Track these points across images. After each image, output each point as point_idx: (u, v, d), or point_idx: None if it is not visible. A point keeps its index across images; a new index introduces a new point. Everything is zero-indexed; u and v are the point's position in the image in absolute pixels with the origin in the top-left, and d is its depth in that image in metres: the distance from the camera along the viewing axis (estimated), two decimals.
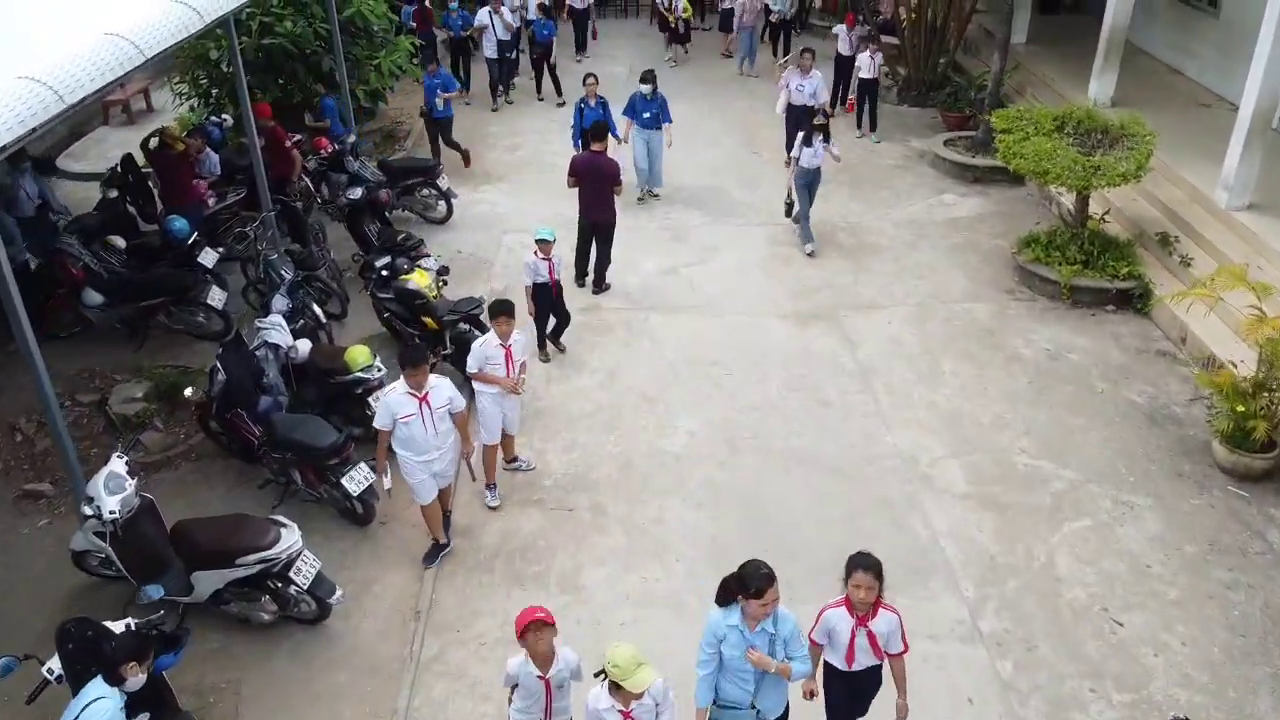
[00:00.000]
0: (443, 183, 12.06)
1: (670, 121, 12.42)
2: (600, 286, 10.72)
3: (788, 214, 11.71)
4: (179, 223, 9.70)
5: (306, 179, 11.82)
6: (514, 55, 16.63)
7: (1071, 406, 8.68)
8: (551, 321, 9.38)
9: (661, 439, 8.32)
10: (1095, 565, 6.99)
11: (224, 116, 12.88)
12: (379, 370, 7.70)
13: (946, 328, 9.92)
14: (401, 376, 6.47)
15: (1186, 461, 8.04)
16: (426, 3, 17.54)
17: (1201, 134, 12.36)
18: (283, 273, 9.16)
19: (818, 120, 11.14)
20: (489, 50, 16.12)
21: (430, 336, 8.84)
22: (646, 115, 12.28)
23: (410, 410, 6.41)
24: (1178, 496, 7.66)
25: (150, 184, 11.12)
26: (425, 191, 12.19)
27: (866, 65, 14.31)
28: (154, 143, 10.75)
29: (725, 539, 7.18)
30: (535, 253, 8.73)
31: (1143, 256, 10.48)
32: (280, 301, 8.33)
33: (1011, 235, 11.67)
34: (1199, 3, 14.51)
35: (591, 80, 12.27)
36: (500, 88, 16.54)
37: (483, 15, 16.05)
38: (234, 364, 7.39)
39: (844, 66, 15.43)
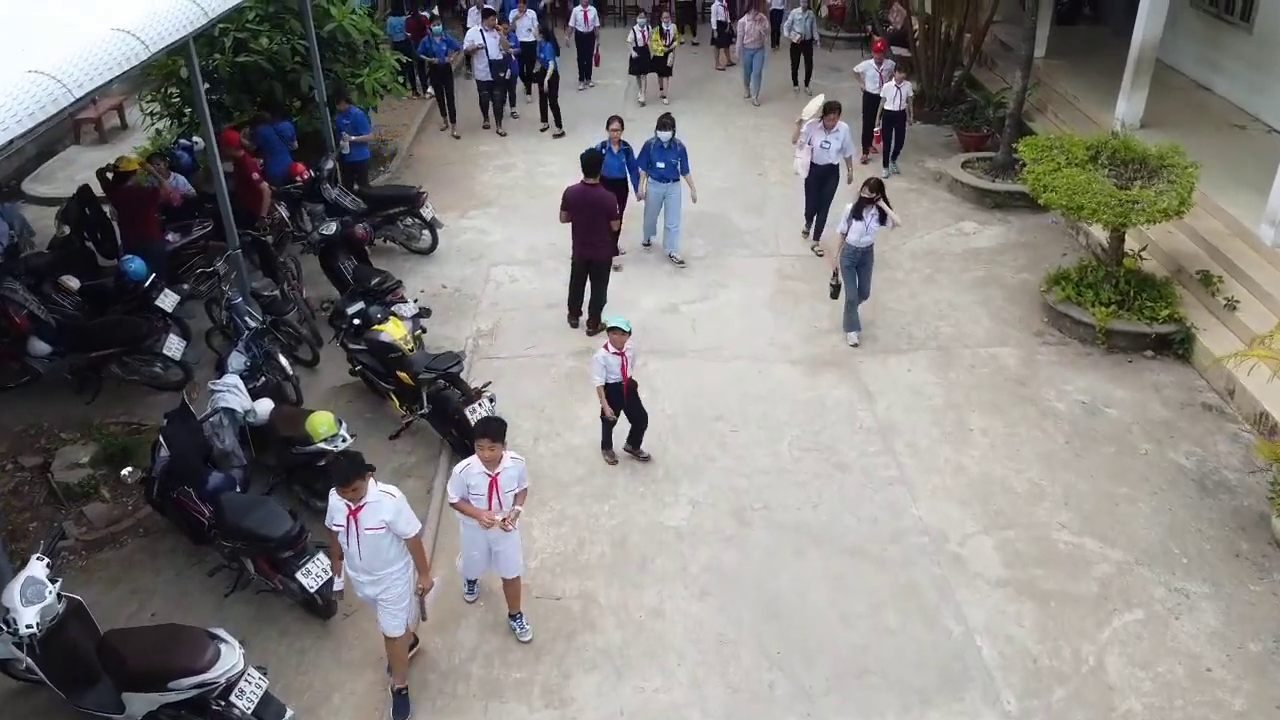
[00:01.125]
0: (427, 212, 11.25)
1: (689, 172, 10.95)
2: (595, 328, 9.90)
3: (834, 296, 9.78)
4: (135, 263, 8.90)
5: (281, 208, 11.01)
6: (509, 76, 15.56)
7: (1113, 472, 7.87)
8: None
9: (661, 510, 7.51)
10: (1150, 669, 6.18)
11: (195, 139, 12.08)
12: (344, 440, 6.88)
13: (972, 376, 9.11)
14: None
15: (1243, 539, 7.23)
16: (430, 12, 16.48)
17: (1238, 159, 11.58)
18: (247, 320, 8.38)
19: (865, 193, 9.09)
20: (481, 73, 14.96)
21: (406, 392, 8.05)
22: (662, 165, 10.67)
23: (339, 522, 5.44)
24: (1237, 582, 6.85)
25: (110, 216, 10.32)
26: (408, 221, 11.39)
27: (892, 96, 12.93)
28: (110, 174, 9.93)
29: (733, 637, 6.37)
30: (605, 346, 7.48)
31: (1182, 296, 9.66)
32: (237, 360, 7.54)
33: (1037, 268, 10.88)
34: (1230, 15, 13.71)
35: (616, 125, 10.64)
36: (491, 107, 15.43)
37: (475, 35, 14.88)
38: (179, 437, 6.58)
39: (874, 106, 13.57)
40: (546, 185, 13.41)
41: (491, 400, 7.75)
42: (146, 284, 8.88)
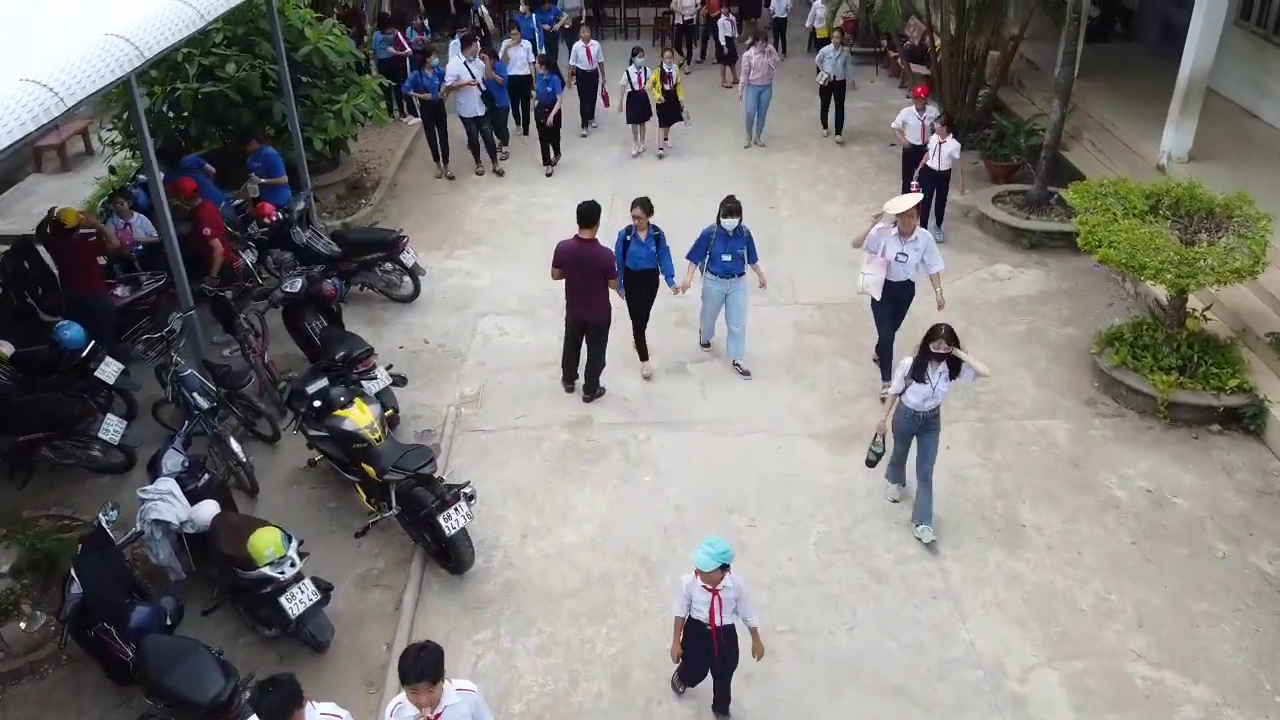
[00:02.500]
0: (408, 257, 10.20)
1: (757, 260, 9.02)
2: (592, 393, 8.88)
3: (870, 464, 7.28)
4: (71, 330, 7.89)
5: (247, 255, 9.97)
6: (502, 108, 14.28)
7: (1189, 581, 6.81)
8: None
9: (670, 634, 6.43)
10: None
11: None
12: (292, 564, 5.83)
13: (1020, 456, 8.06)
14: None
15: None
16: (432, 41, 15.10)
17: None
18: (197, 398, 7.36)
19: (936, 345, 6.69)
20: (469, 109, 13.31)
21: (374, 487, 7.00)
22: (728, 259, 8.74)
23: None
24: None
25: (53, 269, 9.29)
26: (387, 267, 10.34)
27: (934, 150, 11.10)
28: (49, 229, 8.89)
29: None
30: (695, 574, 5.32)
31: (1249, 361, 8.61)
32: (172, 459, 6.49)
33: (1083, 321, 9.84)
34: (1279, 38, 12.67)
35: (639, 211, 8.54)
36: (484, 147, 13.94)
37: (458, 68, 13.10)
38: (93, 570, 5.54)
39: (916, 162, 11.61)
40: (541, 220, 12.40)
41: (470, 500, 6.69)
42: (84, 353, 7.86)
